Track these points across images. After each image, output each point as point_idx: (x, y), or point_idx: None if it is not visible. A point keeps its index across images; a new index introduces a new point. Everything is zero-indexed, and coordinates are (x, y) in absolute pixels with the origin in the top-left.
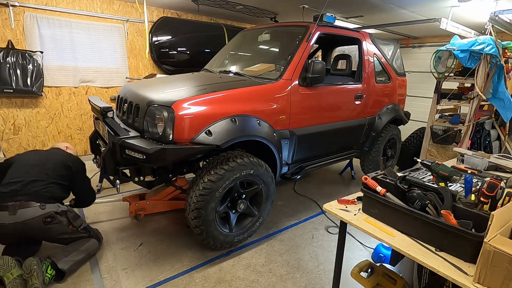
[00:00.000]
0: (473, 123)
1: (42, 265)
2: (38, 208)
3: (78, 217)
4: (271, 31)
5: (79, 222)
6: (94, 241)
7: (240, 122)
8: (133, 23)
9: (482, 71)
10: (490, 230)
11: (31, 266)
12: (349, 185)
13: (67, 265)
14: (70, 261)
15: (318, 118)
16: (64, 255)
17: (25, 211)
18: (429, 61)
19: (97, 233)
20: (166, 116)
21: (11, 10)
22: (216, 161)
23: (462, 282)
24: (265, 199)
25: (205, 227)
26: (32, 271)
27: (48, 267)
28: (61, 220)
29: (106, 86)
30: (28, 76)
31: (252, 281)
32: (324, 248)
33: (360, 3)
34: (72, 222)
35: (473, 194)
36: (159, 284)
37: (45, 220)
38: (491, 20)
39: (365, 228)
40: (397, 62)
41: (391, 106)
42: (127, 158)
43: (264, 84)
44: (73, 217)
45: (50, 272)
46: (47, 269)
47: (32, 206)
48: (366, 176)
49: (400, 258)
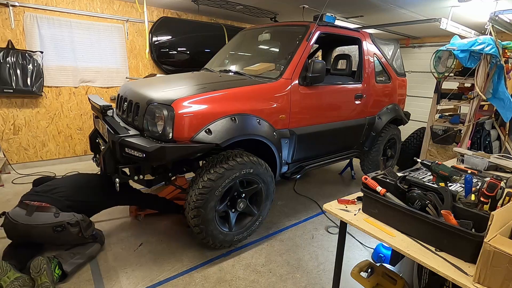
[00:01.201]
0: (473, 123)
1: (50, 264)
2: (52, 215)
3: (91, 226)
4: (271, 31)
5: (90, 231)
6: (98, 245)
7: (240, 121)
8: (133, 23)
9: (482, 71)
10: (490, 230)
11: (41, 265)
12: (349, 185)
13: (71, 267)
14: (74, 263)
15: (318, 117)
16: (70, 257)
17: (40, 215)
18: (429, 61)
19: (101, 236)
20: (166, 115)
21: (11, 10)
22: (216, 160)
23: (462, 282)
24: (265, 198)
25: (204, 226)
26: (42, 270)
27: (56, 267)
28: (72, 231)
29: (106, 86)
30: (28, 76)
31: (252, 281)
32: (324, 248)
33: (360, 3)
34: (83, 232)
35: (473, 194)
36: (159, 284)
37: (55, 228)
38: (491, 20)
39: (365, 228)
40: (397, 62)
41: (391, 106)
42: (126, 156)
43: (264, 83)
44: (86, 226)
45: (58, 272)
46: (55, 268)
47: (48, 212)
48: (366, 176)
49: (400, 258)
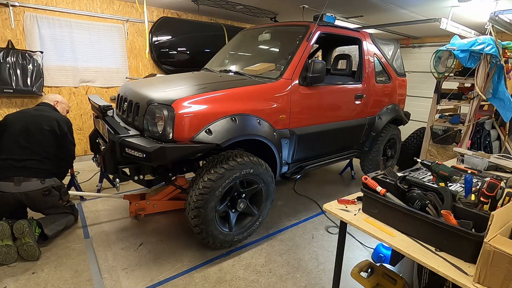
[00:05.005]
0: (473, 123)
1: (31, 226)
2: (39, 182)
3: (67, 193)
4: (271, 31)
5: (67, 197)
6: (72, 217)
7: (240, 121)
8: (133, 23)
9: (482, 71)
10: (490, 230)
11: (23, 228)
12: (349, 185)
13: (51, 232)
14: (54, 229)
15: (318, 117)
16: (50, 221)
17: (28, 183)
18: (429, 61)
19: (76, 212)
20: (166, 115)
21: (11, 10)
22: (216, 160)
23: (462, 282)
24: (265, 199)
25: (204, 226)
26: (25, 232)
27: (36, 227)
28: (55, 194)
29: (106, 86)
30: (28, 76)
31: (252, 281)
32: (324, 248)
33: (360, 3)
34: (62, 196)
35: (473, 194)
36: (159, 284)
37: (44, 192)
38: (491, 20)
39: (365, 228)
40: (397, 62)
41: (391, 106)
42: (127, 156)
43: (265, 84)
44: (64, 192)
45: (38, 231)
46: (35, 229)
47: (33, 181)
48: (366, 176)
49: (400, 258)
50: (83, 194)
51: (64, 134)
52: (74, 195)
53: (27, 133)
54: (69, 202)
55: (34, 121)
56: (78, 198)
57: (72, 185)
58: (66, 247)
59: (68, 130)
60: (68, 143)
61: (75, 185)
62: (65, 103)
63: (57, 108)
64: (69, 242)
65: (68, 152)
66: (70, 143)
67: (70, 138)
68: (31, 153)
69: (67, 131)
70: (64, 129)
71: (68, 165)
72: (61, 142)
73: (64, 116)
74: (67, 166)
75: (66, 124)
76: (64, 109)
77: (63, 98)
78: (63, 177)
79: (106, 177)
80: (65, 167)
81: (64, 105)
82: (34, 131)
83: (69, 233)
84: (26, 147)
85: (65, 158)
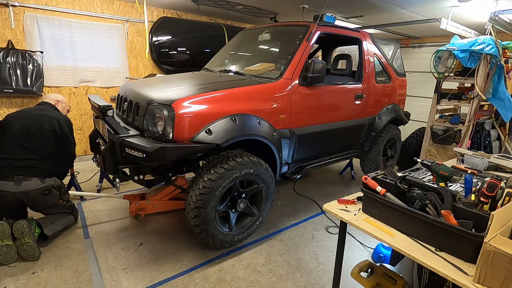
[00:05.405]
0: (473, 123)
1: (31, 226)
2: (39, 181)
3: (67, 193)
4: (271, 31)
5: (67, 197)
6: (72, 217)
7: (240, 121)
8: (133, 23)
9: (482, 71)
10: (490, 230)
11: (23, 228)
12: (349, 185)
13: (51, 232)
14: (54, 229)
15: (318, 117)
16: (50, 221)
17: (28, 183)
18: (429, 61)
19: (76, 212)
20: (166, 115)
21: (11, 10)
22: (216, 160)
23: (462, 282)
24: (265, 199)
25: (204, 226)
26: (24, 232)
27: (36, 227)
28: (55, 193)
29: (106, 86)
30: (28, 76)
31: (252, 281)
32: (324, 248)
33: (360, 3)
34: (62, 196)
35: (473, 194)
36: (159, 284)
37: (44, 192)
38: (491, 20)
39: (365, 228)
40: (397, 62)
41: (391, 106)
42: (127, 156)
43: (265, 84)
44: (64, 192)
45: (37, 231)
46: (35, 229)
47: (33, 180)
48: (366, 176)
49: (400, 258)
50: (83, 194)
51: (64, 133)
52: (74, 195)
53: (27, 133)
54: (69, 202)
55: (35, 121)
56: (78, 198)
57: (72, 185)
58: (66, 247)
59: (69, 130)
60: (68, 142)
61: (75, 185)
62: (65, 103)
63: (57, 107)
64: (69, 242)
65: (68, 152)
66: (71, 143)
67: (71, 137)
68: (32, 152)
69: (67, 130)
70: (65, 128)
71: (69, 165)
72: (61, 141)
73: (65, 116)
74: (68, 165)
75: (66, 124)
76: (64, 109)
77: (64, 98)
78: (63, 177)
79: (106, 177)
80: (66, 166)
81: (65, 104)
82: (34, 131)
83: (69, 233)
84: (27, 146)
85: (66, 158)
